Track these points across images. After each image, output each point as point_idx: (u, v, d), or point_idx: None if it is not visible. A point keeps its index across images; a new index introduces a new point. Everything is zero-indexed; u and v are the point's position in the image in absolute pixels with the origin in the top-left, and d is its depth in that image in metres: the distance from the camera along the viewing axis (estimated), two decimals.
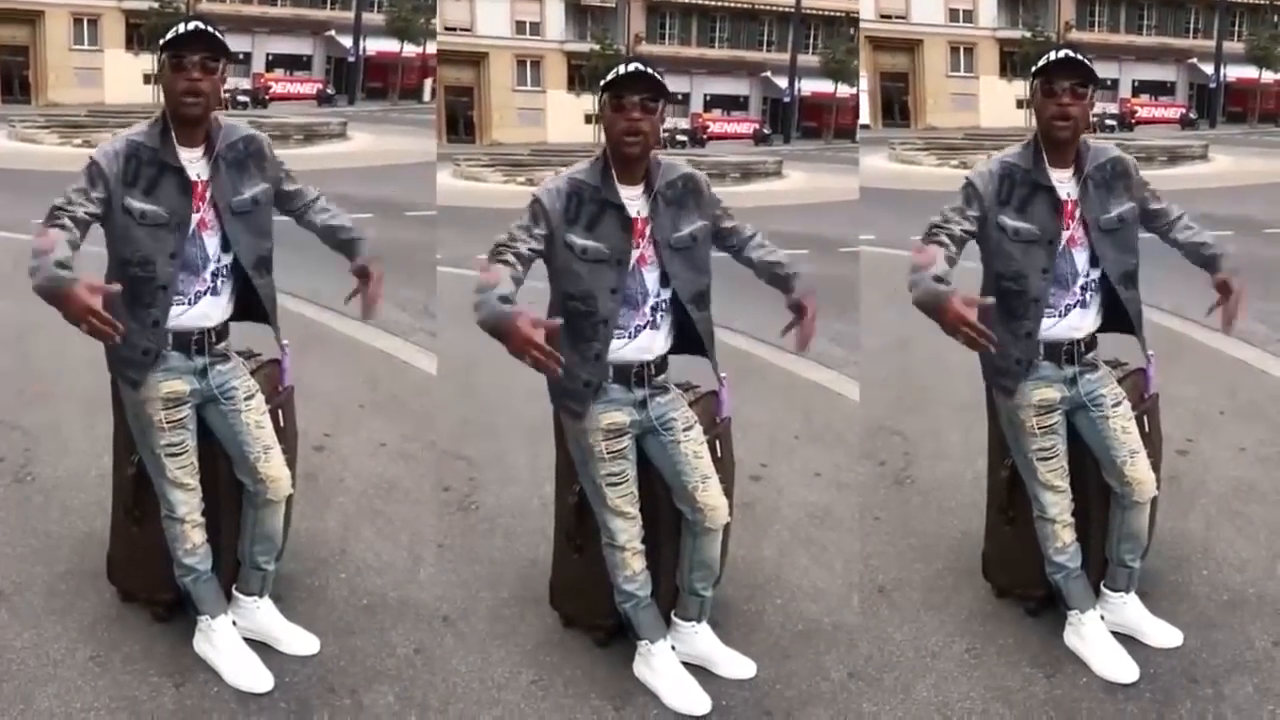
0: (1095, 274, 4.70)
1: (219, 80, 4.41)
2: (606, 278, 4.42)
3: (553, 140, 37.25)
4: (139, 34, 37.81)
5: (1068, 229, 4.62)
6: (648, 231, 4.49)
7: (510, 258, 4.29)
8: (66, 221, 4.19)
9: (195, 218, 4.44)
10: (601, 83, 4.43)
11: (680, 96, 38.84)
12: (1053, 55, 4.57)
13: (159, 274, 4.38)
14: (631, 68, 4.39)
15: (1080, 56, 4.54)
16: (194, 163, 4.44)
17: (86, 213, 4.26)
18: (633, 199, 4.48)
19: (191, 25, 4.38)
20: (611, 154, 4.46)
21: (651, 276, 4.52)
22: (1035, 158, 4.61)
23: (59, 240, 4.08)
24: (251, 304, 4.67)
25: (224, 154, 4.49)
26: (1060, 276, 4.64)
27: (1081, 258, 4.67)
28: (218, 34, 4.40)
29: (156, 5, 37.40)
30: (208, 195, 4.46)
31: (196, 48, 4.34)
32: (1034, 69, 4.58)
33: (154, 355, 4.44)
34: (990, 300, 4.40)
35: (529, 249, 4.35)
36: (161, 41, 4.41)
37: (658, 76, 4.40)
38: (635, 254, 4.48)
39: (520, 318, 3.90)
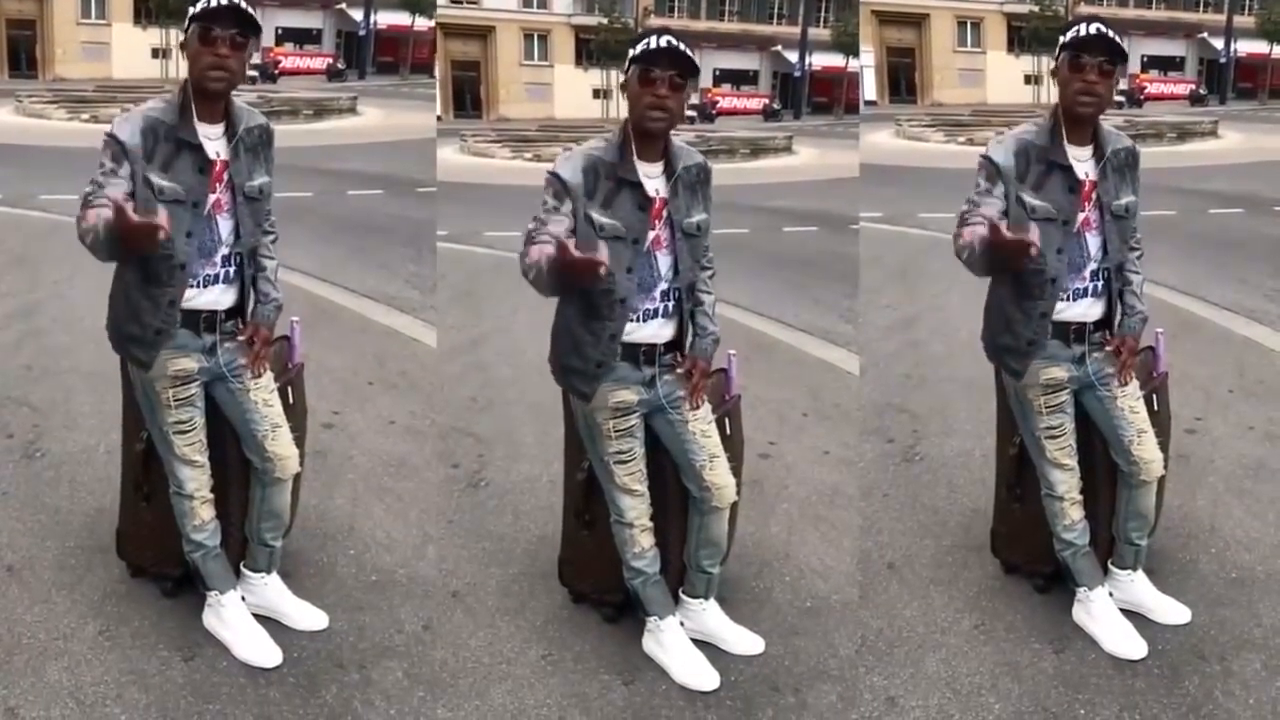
0: (1109, 263, 4.66)
1: (246, 57, 4.35)
2: (623, 256, 4.35)
3: (560, 115, 37.21)
4: (147, 8, 37.76)
5: (1083, 210, 4.58)
6: (665, 213, 4.44)
7: (548, 237, 4.23)
8: (104, 201, 4.11)
9: (211, 198, 4.39)
10: (630, 53, 4.31)
11: None
12: (1082, 29, 4.45)
13: (177, 252, 4.32)
14: (663, 41, 4.28)
15: (1110, 33, 4.43)
16: (213, 140, 4.38)
17: (124, 193, 4.19)
18: (651, 177, 4.42)
19: (226, 3, 4.25)
20: (634, 129, 4.37)
21: (665, 261, 4.47)
22: (1052, 135, 4.55)
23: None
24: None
25: (243, 137, 4.44)
26: (1071, 259, 4.60)
27: (1094, 242, 4.62)
28: (250, 8, 4.30)
29: None
30: (225, 176, 4.42)
31: (228, 22, 4.26)
32: (1061, 42, 4.49)
33: (165, 335, 4.43)
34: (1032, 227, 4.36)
35: (566, 227, 4.28)
36: (192, 10, 4.30)
37: (689, 53, 4.30)
38: (651, 235, 4.42)
39: (565, 249, 4.02)
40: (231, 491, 4.74)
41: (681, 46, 4.29)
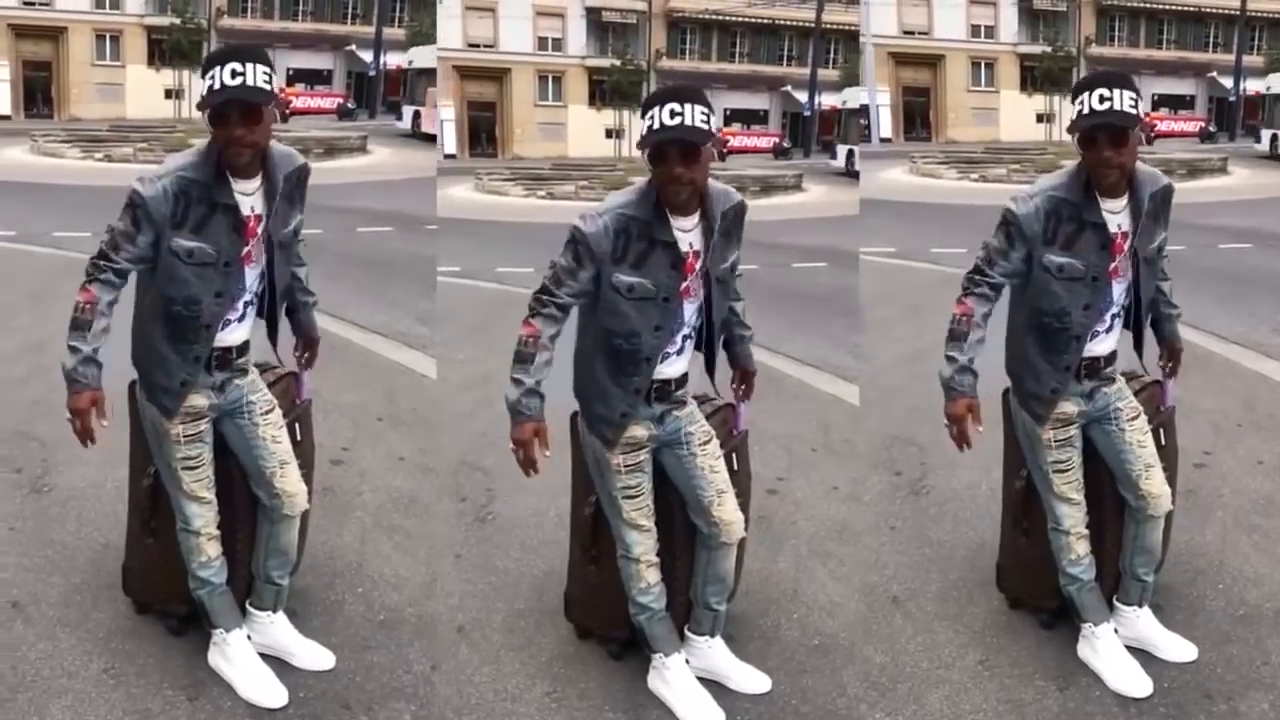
0: (1127, 302, 4.66)
1: (269, 115, 4.28)
2: (652, 315, 4.34)
3: (574, 154, 37.30)
4: (160, 49, 37.96)
5: (1113, 261, 4.54)
6: (698, 266, 4.40)
7: (553, 310, 4.30)
8: (110, 277, 4.28)
9: (242, 251, 4.39)
10: (639, 138, 4.25)
11: None
12: (1085, 104, 4.31)
13: (204, 313, 4.36)
14: (668, 119, 4.15)
15: (1114, 102, 4.29)
16: (249, 195, 4.37)
17: (130, 259, 4.28)
18: (686, 231, 4.36)
19: (232, 82, 4.15)
20: (660, 191, 4.34)
21: (691, 308, 4.45)
22: (1085, 191, 4.48)
23: (98, 315, 4.27)
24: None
25: (280, 187, 4.43)
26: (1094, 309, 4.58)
27: (1119, 289, 4.60)
28: (261, 78, 4.20)
29: (178, 21, 37.58)
30: (259, 230, 4.41)
31: (233, 106, 4.21)
32: (1071, 120, 4.36)
33: (191, 387, 4.45)
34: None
35: (572, 295, 4.31)
36: (197, 103, 4.29)
37: (696, 122, 4.16)
38: (681, 286, 4.39)
39: (528, 427, 4.32)
40: (239, 528, 4.73)
41: (685, 118, 4.15)
